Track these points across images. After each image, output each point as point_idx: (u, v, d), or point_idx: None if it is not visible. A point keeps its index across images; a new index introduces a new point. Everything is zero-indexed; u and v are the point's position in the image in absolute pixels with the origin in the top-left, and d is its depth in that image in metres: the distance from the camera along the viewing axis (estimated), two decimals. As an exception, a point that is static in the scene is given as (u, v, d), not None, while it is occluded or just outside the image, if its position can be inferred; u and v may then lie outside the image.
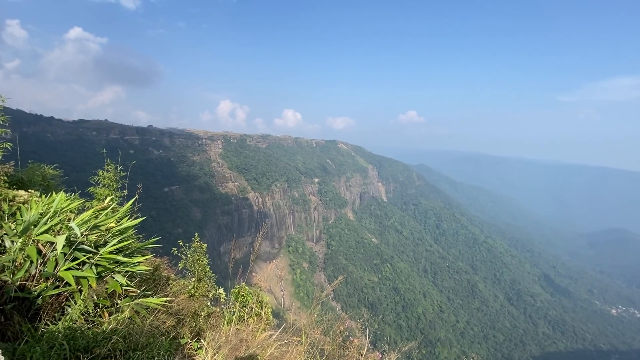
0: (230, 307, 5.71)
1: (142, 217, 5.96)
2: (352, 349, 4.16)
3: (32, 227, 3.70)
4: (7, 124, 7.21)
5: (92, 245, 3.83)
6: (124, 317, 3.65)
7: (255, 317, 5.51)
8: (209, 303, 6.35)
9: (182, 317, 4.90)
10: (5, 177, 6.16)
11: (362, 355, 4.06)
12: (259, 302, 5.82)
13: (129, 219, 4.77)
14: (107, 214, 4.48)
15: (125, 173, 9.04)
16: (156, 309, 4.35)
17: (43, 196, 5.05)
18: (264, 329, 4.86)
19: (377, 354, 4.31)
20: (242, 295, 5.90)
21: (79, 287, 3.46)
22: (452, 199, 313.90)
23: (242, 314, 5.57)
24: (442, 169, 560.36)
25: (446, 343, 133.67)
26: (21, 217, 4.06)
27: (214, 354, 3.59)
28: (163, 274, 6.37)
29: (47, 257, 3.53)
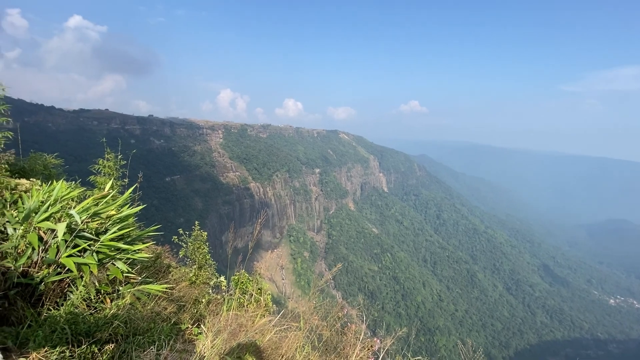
0: (231, 294, 5.80)
1: (143, 205, 6.00)
2: (350, 335, 4.23)
3: (34, 214, 3.73)
4: (8, 113, 7.22)
5: (93, 232, 3.87)
6: (125, 303, 3.71)
7: (254, 304, 5.60)
8: (209, 290, 6.44)
9: (183, 303, 4.98)
10: (7, 166, 6.19)
11: (359, 340, 4.13)
12: (259, 289, 5.91)
13: (129, 207, 4.80)
14: (107, 201, 4.50)
15: (125, 162, 9.06)
16: (157, 295, 4.43)
17: (44, 184, 5.08)
18: (263, 315, 4.95)
19: (376, 339, 4.39)
20: (242, 282, 5.98)
21: (81, 273, 3.51)
22: (453, 190, 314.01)
23: (242, 300, 5.66)
24: (443, 160, 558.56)
25: (445, 331, 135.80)
26: (23, 205, 4.09)
27: (214, 339, 3.66)
28: (164, 262, 6.45)
29: (48, 244, 3.58)
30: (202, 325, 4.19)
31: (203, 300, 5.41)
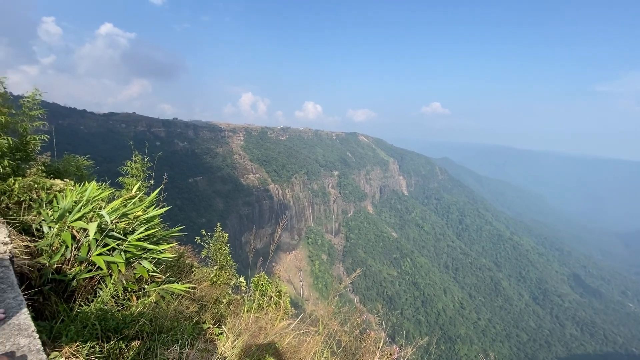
0: (251, 296, 5.88)
1: (167, 206, 6.19)
2: (369, 342, 4.17)
3: (67, 214, 3.93)
4: (44, 117, 7.62)
5: (121, 232, 4.02)
6: (151, 302, 3.83)
7: (274, 306, 5.64)
8: (230, 291, 6.55)
9: (204, 303, 5.08)
10: (43, 167, 6.55)
11: (378, 348, 4.06)
12: (278, 292, 5.95)
13: (155, 208, 4.96)
14: (134, 202, 4.68)
15: (151, 164, 9.41)
16: (180, 294, 4.54)
17: (77, 185, 5.34)
18: (282, 318, 4.97)
19: (395, 347, 4.30)
20: (262, 284, 6.04)
21: (110, 271, 3.66)
22: (476, 194, 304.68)
23: (262, 302, 5.71)
24: (466, 163, 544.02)
25: (466, 340, 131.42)
26: (57, 204, 4.33)
27: (234, 340, 3.70)
28: (187, 262, 6.62)
29: (80, 243, 3.75)
30: (222, 326, 4.26)
31: (224, 300, 5.50)
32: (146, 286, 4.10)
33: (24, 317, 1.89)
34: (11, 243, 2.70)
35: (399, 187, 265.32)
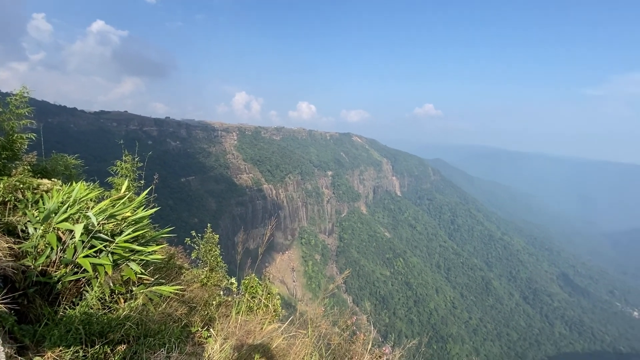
0: (241, 297, 5.85)
1: (158, 206, 6.14)
2: (359, 344, 4.17)
3: (53, 215, 3.86)
4: (32, 115, 7.47)
5: (109, 233, 3.97)
6: (138, 304, 3.78)
7: (264, 308, 5.61)
8: (221, 292, 6.49)
9: (194, 305, 5.03)
10: (29, 167, 6.43)
11: (367, 350, 4.07)
12: (268, 294, 5.92)
13: (144, 208, 4.90)
14: (123, 203, 4.62)
15: (142, 163, 9.29)
16: (169, 296, 4.49)
17: (64, 185, 5.25)
18: (272, 321, 4.95)
19: (385, 348, 4.31)
20: (252, 286, 6.01)
21: (96, 273, 3.60)
22: (468, 195, 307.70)
23: (252, 305, 5.68)
24: (458, 164, 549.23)
25: (458, 339, 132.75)
26: (43, 205, 4.25)
27: (223, 343, 3.68)
28: (177, 263, 6.55)
29: (66, 245, 3.69)
30: (211, 329, 4.23)
31: (214, 302, 5.46)
32: (134, 288, 4.04)
33: None
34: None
35: (392, 187, 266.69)
